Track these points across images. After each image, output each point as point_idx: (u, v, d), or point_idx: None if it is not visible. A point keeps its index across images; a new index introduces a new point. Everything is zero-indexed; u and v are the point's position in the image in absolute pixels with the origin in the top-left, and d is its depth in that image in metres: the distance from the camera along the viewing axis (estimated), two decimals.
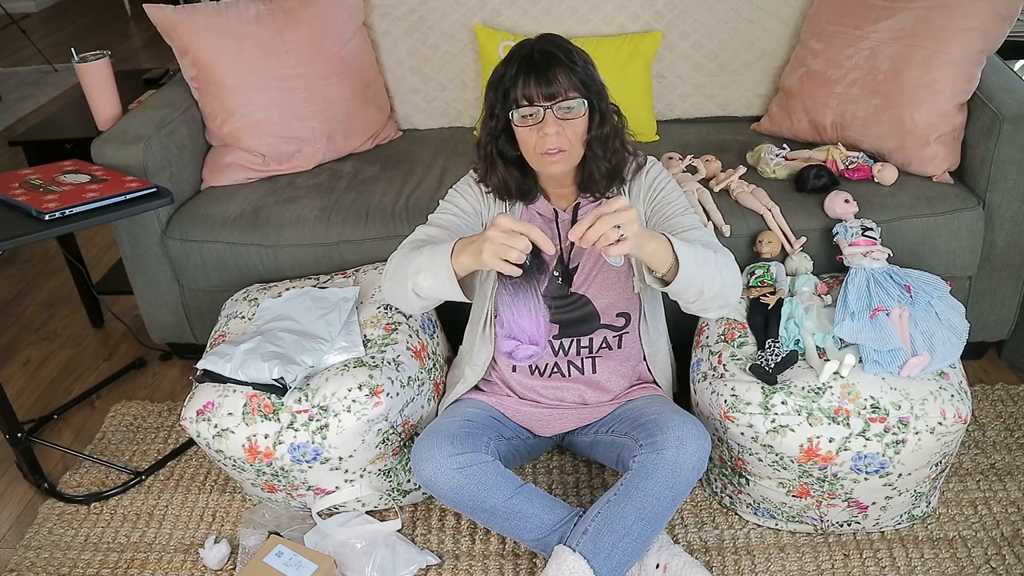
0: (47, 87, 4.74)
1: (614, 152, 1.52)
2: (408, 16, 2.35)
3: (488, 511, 1.52)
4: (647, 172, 1.62)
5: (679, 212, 1.56)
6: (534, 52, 1.43)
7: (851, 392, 1.52)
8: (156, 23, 2.14)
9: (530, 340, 1.36)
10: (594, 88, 1.46)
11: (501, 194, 1.60)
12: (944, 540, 1.68)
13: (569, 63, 1.43)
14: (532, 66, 1.42)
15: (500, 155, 1.53)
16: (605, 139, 1.50)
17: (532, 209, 1.62)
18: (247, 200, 2.11)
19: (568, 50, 1.45)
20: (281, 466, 1.64)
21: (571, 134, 1.45)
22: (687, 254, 1.35)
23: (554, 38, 1.47)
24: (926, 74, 1.92)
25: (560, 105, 1.42)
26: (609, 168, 1.53)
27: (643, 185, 1.61)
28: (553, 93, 1.42)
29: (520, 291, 1.33)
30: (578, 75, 1.43)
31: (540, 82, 1.41)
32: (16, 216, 1.71)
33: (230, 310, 1.91)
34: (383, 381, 1.64)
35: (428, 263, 1.43)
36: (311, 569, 1.59)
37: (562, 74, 1.42)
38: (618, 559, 1.46)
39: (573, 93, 1.43)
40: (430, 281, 1.43)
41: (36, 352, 2.51)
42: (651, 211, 1.59)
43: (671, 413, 1.52)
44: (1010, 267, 1.95)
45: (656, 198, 1.59)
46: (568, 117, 1.43)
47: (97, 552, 1.80)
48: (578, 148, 1.48)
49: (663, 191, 1.59)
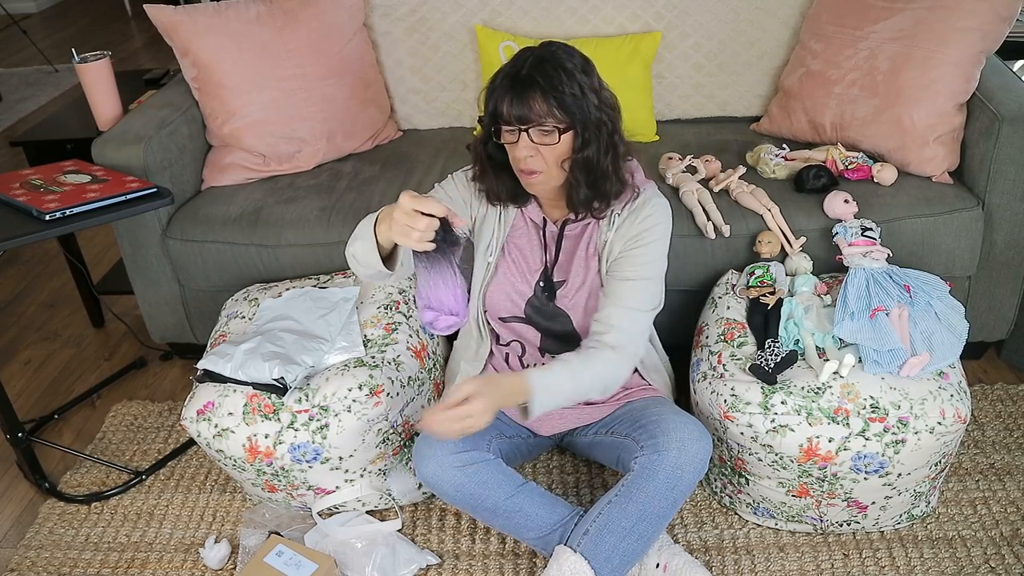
0: (48, 87, 4.75)
1: (601, 176, 1.45)
2: (408, 17, 2.35)
3: (489, 509, 1.53)
4: (646, 216, 1.52)
5: (637, 278, 1.50)
6: (522, 70, 1.39)
7: (851, 392, 1.52)
8: (156, 24, 2.14)
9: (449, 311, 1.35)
10: (579, 113, 1.39)
11: (491, 198, 1.59)
12: (943, 540, 1.68)
13: (550, 88, 1.37)
14: (513, 86, 1.38)
15: (490, 159, 1.52)
16: (588, 164, 1.43)
17: (525, 214, 1.62)
18: (247, 200, 2.11)
19: (557, 71, 1.37)
20: (281, 466, 1.64)
21: (548, 157, 1.42)
22: (544, 399, 1.40)
23: (550, 56, 1.40)
24: (925, 74, 1.92)
25: (535, 129, 1.39)
26: (590, 193, 1.47)
27: (633, 227, 1.52)
28: (526, 118, 1.38)
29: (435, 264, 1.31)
30: (560, 101, 1.37)
31: (514, 104, 1.38)
32: (17, 216, 1.72)
33: (230, 310, 1.91)
34: (383, 381, 1.64)
35: (363, 229, 1.41)
36: (311, 569, 1.60)
37: (539, 100, 1.37)
38: (619, 560, 1.46)
39: (549, 119, 1.38)
40: (363, 247, 1.41)
41: (37, 352, 2.51)
42: (619, 256, 1.52)
43: (672, 415, 1.52)
44: (1009, 267, 1.95)
45: (632, 251, 1.51)
46: (544, 142, 1.40)
47: (98, 552, 1.81)
48: (556, 171, 1.44)
49: (643, 247, 1.51)
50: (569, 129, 1.40)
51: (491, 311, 1.66)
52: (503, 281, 1.63)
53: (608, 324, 1.49)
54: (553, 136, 1.40)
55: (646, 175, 1.60)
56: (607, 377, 1.48)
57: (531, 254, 1.62)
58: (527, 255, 1.62)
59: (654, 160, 2.11)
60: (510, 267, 1.62)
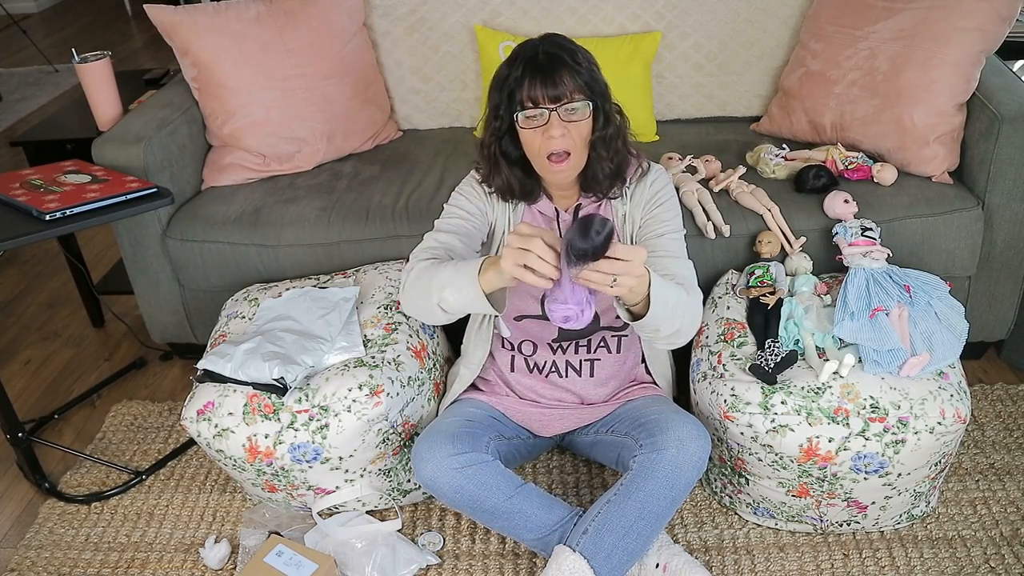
0: (48, 87, 4.75)
1: (617, 152, 1.52)
2: (408, 16, 2.35)
3: (488, 511, 1.53)
4: (652, 180, 1.60)
5: (668, 232, 1.56)
6: (539, 53, 1.42)
7: (851, 392, 1.52)
8: (156, 23, 2.14)
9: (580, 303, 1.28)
10: (598, 89, 1.46)
11: (504, 195, 1.59)
12: (943, 540, 1.68)
13: (574, 64, 1.42)
14: (537, 68, 1.41)
15: (504, 156, 1.53)
16: (609, 140, 1.49)
17: (534, 208, 1.62)
18: (247, 200, 2.11)
19: (572, 51, 1.44)
20: (281, 466, 1.64)
21: (576, 136, 1.44)
22: (660, 296, 1.33)
23: (558, 38, 1.46)
24: (925, 74, 1.92)
25: (565, 107, 1.41)
26: (612, 169, 1.52)
27: (645, 192, 1.60)
28: (558, 95, 1.41)
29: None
30: (583, 76, 1.42)
31: (546, 84, 1.40)
32: (17, 216, 1.72)
33: (230, 310, 1.91)
34: (383, 381, 1.64)
35: (453, 278, 1.40)
36: (311, 569, 1.60)
37: (567, 76, 1.41)
38: (618, 559, 1.46)
39: (578, 95, 1.42)
40: (455, 296, 1.40)
41: (37, 352, 2.51)
42: (644, 221, 1.59)
43: (671, 413, 1.52)
44: (1009, 267, 1.95)
45: (654, 211, 1.58)
46: (573, 119, 1.42)
47: (98, 552, 1.81)
48: (583, 151, 1.47)
49: (662, 205, 1.58)
50: (594, 105, 1.44)
51: (506, 312, 1.66)
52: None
53: (672, 272, 1.49)
54: (584, 111, 1.43)
55: None
56: (690, 313, 1.44)
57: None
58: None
59: (654, 160, 2.10)
60: None
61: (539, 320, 1.64)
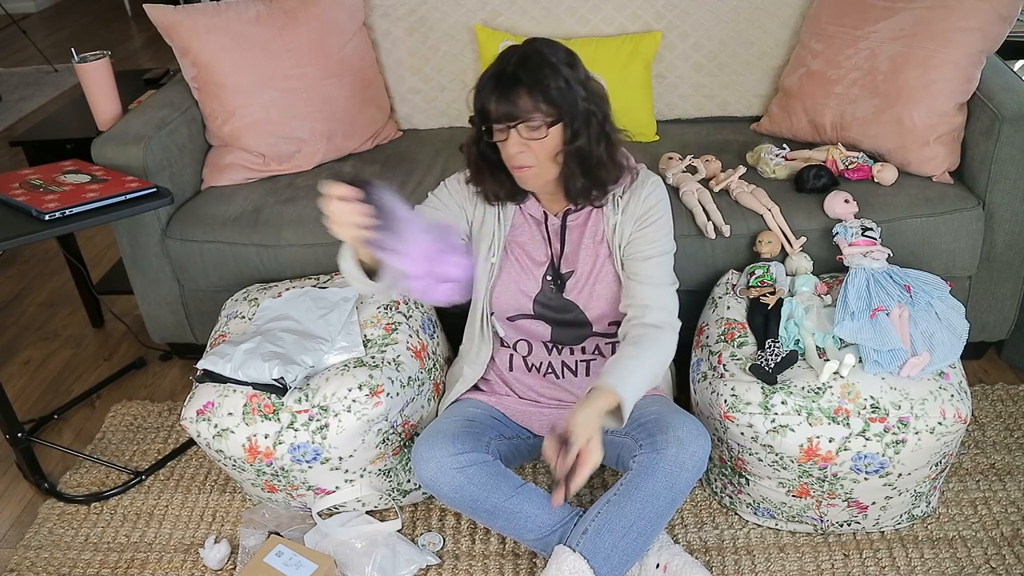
0: (47, 87, 4.75)
1: (596, 165, 1.48)
2: (408, 16, 2.35)
3: (488, 511, 1.53)
4: (647, 194, 1.56)
5: (655, 255, 1.54)
6: (506, 68, 1.41)
7: (851, 392, 1.52)
8: (156, 23, 2.14)
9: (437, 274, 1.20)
10: (566, 106, 1.41)
11: (488, 197, 1.60)
12: (944, 540, 1.68)
13: (535, 84, 1.39)
14: (498, 84, 1.40)
15: (484, 159, 1.53)
16: (580, 155, 1.46)
17: (524, 210, 1.62)
18: (247, 200, 2.11)
19: (541, 67, 1.40)
20: (281, 466, 1.64)
21: (538, 151, 1.43)
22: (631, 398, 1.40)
23: (533, 52, 1.42)
24: (925, 74, 1.92)
25: (522, 125, 1.41)
26: (586, 183, 1.50)
27: (639, 206, 1.56)
28: (513, 114, 1.40)
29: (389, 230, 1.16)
30: (546, 95, 1.39)
31: (501, 102, 1.40)
32: (16, 216, 1.72)
33: (230, 310, 1.91)
34: (383, 381, 1.64)
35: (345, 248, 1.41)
36: (311, 569, 1.60)
37: (525, 96, 1.39)
38: (618, 559, 1.46)
39: (536, 114, 1.40)
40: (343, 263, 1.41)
41: (36, 352, 2.51)
42: (632, 238, 1.56)
43: (671, 413, 1.52)
44: (1010, 267, 1.95)
45: (644, 230, 1.55)
46: (532, 137, 1.42)
47: (97, 552, 1.80)
48: (548, 164, 1.46)
49: (653, 224, 1.55)
50: (557, 122, 1.42)
51: (498, 312, 1.66)
52: (508, 280, 1.63)
53: (643, 305, 1.51)
54: (541, 131, 1.42)
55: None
56: (666, 356, 1.51)
57: (534, 250, 1.62)
58: (530, 251, 1.62)
59: (654, 160, 2.11)
60: (514, 265, 1.63)
61: (533, 319, 1.64)
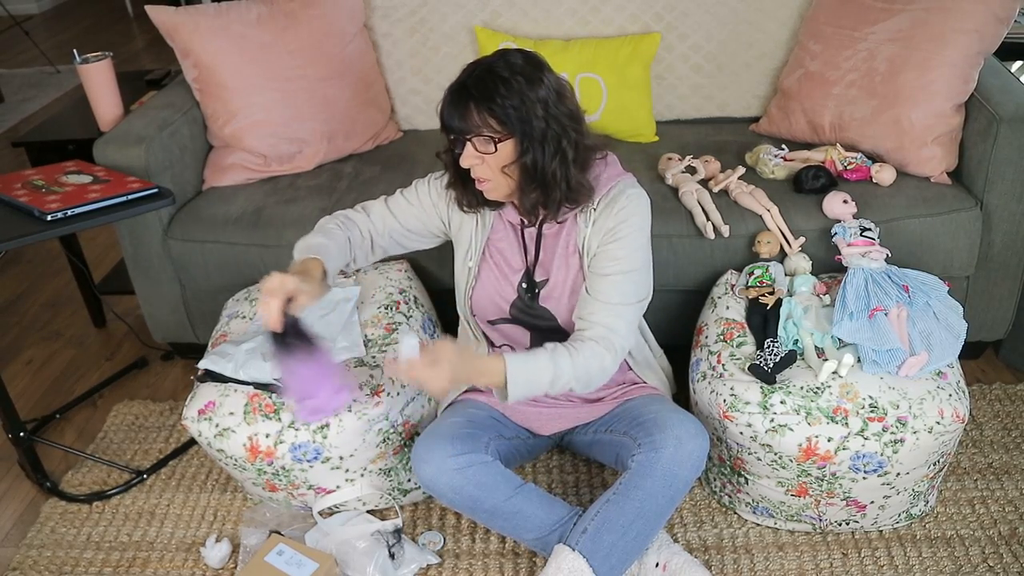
0: (49, 88, 4.75)
1: (551, 180, 1.45)
2: (409, 18, 2.36)
3: (488, 511, 1.53)
4: (620, 208, 1.51)
5: (615, 272, 1.50)
6: (466, 80, 1.42)
7: (849, 392, 1.53)
8: (158, 25, 2.15)
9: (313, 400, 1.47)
10: (519, 123, 1.40)
11: (461, 204, 1.60)
12: (942, 539, 1.68)
13: (485, 99, 1.39)
14: (452, 98, 1.42)
15: (455, 166, 1.53)
16: (531, 171, 1.43)
17: (504, 216, 1.63)
18: (248, 200, 2.12)
19: (495, 82, 1.39)
20: (282, 465, 1.65)
21: (491, 164, 1.45)
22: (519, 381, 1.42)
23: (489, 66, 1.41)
24: (923, 75, 1.93)
25: (476, 139, 1.42)
26: (537, 199, 1.48)
27: (609, 220, 1.51)
28: (464, 129, 1.42)
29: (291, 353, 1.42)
30: (494, 111, 1.39)
31: (452, 116, 1.42)
32: (19, 216, 1.72)
33: (231, 310, 1.92)
34: (383, 381, 1.65)
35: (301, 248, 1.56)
36: (312, 568, 1.60)
37: (476, 111, 1.40)
38: (617, 558, 1.46)
39: (486, 130, 1.41)
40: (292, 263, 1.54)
41: (39, 352, 2.52)
42: (598, 251, 1.52)
43: (669, 412, 1.53)
44: (1007, 267, 1.96)
45: (608, 245, 1.51)
46: (485, 151, 1.43)
47: (99, 551, 1.81)
48: (501, 178, 1.46)
49: (618, 241, 1.50)
50: (508, 138, 1.42)
51: (479, 315, 1.67)
52: (486, 285, 1.63)
53: (590, 321, 1.50)
54: (490, 145, 1.42)
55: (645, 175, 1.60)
56: (590, 368, 1.46)
57: (512, 256, 1.62)
58: (508, 257, 1.63)
59: (654, 160, 2.12)
60: (492, 270, 1.63)
61: (512, 324, 1.65)
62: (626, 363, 1.70)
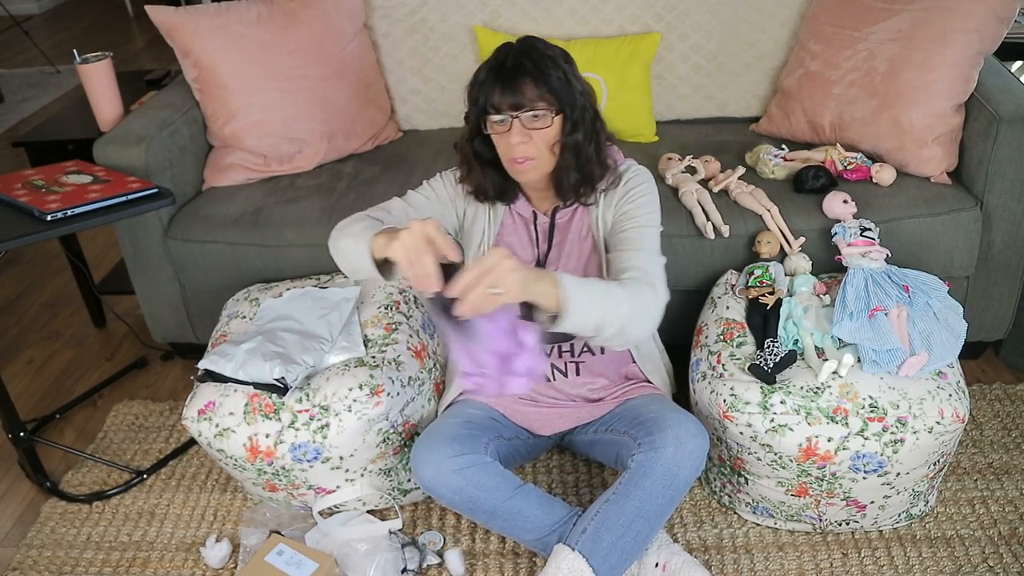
0: (49, 88, 4.75)
1: (587, 161, 1.51)
2: (409, 18, 2.36)
3: (487, 512, 1.53)
4: (627, 179, 1.59)
5: (633, 226, 1.53)
6: (507, 60, 1.44)
7: (849, 392, 1.53)
8: (158, 25, 2.15)
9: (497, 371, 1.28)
10: (567, 97, 1.45)
11: (478, 195, 1.61)
12: (942, 539, 1.68)
13: (539, 73, 1.42)
14: (500, 75, 1.43)
15: (477, 156, 1.55)
16: (577, 148, 1.49)
17: (513, 210, 1.63)
18: (248, 200, 2.12)
19: (541, 58, 1.44)
20: (282, 465, 1.65)
21: (539, 142, 1.46)
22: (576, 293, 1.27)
23: (530, 45, 1.46)
24: (924, 75, 1.93)
25: (527, 114, 1.43)
26: (579, 177, 1.53)
27: (618, 191, 1.59)
28: (519, 103, 1.43)
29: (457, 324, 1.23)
30: (549, 85, 1.43)
31: (505, 91, 1.43)
32: (18, 216, 1.72)
33: (231, 310, 1.92)
34: (383, 381, 1.65)
35: (360, 230, 1.42)
36: (312, 568, 1.60)
37: (529, 85, 1.42)
38: (617, 558, 1.46)
39: (540, 103, 1.43)
40: (352, 247, 1.41)
41: (39, 352, 2.52)
42: (615, 219, 1.58)
43: (669, 412, 1.53)
44: (1007, 267, 1.96)
45: (624, 209, 1.56)
46: (535, 126, 1.44)
47: (99, 551, 1.81)
48: (547, 156, 1.48)
49: (634, 201, 1.56)
50: (559, 113, 1.45)
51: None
52: None
53: (628, 265, 1.47)
54: (545, 119, 1.44)
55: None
56: (636, 303, 1.37)
57: (521, 250, 1.63)
58: (518, 252, 1.63)
59: (654, 160, 2.12)
60: None
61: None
62: (630, 354, 1.71)
